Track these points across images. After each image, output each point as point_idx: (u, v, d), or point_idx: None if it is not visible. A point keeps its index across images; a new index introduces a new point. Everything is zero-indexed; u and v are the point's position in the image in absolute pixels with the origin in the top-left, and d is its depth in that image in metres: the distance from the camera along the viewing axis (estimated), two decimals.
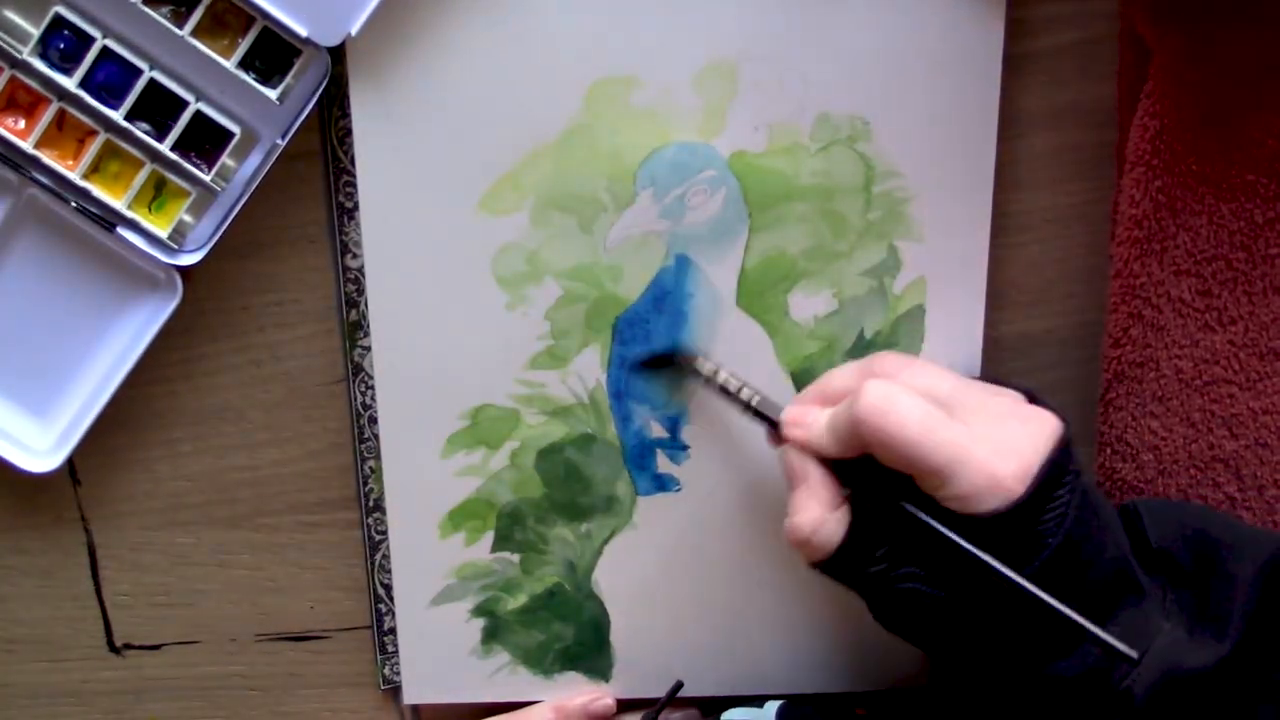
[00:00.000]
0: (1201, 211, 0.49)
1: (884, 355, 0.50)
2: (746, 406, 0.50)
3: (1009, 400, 0.47)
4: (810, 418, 0.48)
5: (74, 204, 0.50)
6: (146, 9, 0.48)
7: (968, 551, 0.43)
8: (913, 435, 0.43)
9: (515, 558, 0.56)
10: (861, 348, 0.54)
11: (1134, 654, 0.41)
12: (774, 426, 0.49)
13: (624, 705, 0.58)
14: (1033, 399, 0.47)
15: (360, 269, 0.53)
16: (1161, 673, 0.43)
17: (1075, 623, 0.42)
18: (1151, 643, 0.43)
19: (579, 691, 0.57)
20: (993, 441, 0.43)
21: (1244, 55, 0.48)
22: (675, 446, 0.55)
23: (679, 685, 0.57)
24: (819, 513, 0.46)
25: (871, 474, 0.45)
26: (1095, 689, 0.43)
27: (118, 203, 0.50)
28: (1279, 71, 0.47)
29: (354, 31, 0.49)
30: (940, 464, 0.42)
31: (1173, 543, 0.46)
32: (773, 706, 0.55)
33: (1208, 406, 0.51)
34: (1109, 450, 0.53)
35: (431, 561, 0.56)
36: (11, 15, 0.48)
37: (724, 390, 0.51)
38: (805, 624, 0.57)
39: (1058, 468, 0.43)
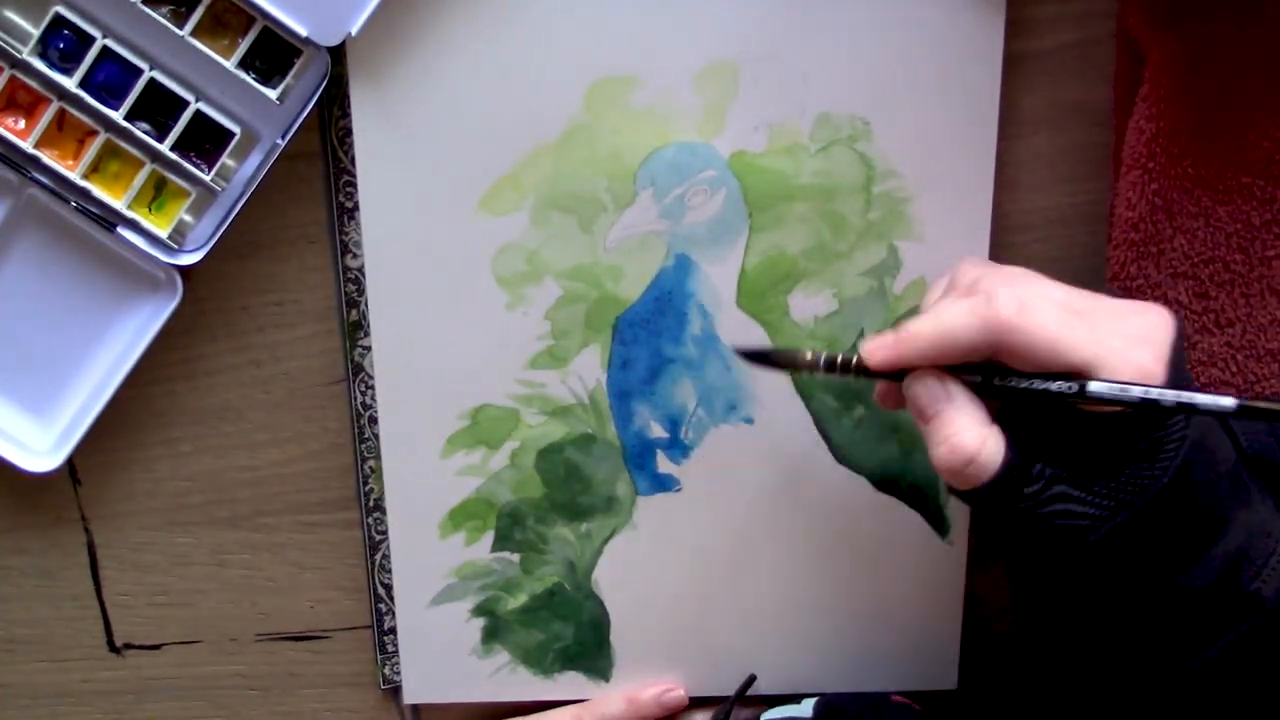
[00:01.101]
0: (1198, 214, 0.49)
1: (971, 260, 0.48)
2: (849, 369, 0.46)
3: (1113, 298, 0.45)
4: (893, 337, 0.44)
5: (74, 204, 0.50)
6: (146, 9, 0.48)
7: (1149, 400, 0.41)
8: (1058, 333, 0.42)
9: (515, 557, 0.56)
10: None
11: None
12: (868, 374, 0.46)
13: (693, 702, 0.58)
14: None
15: (360, 269, 0.53)
16: None
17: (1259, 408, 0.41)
18: (1277, 541, 0.42)
19: (649, 683, 0.57)
20: (1122, 336, 0.42)
21: (1239, 58, 0.48)
22: (675, 446, 0.55)
23: (751, 679, 0.57)
24: (980, 430, 0.43)
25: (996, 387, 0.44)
26: (1224, 596, 0.42)
27: (118, 203, 0.50)
28: (1274, 74, 0.48)
29: (354, 31, 0.49)
30: (1087, 359, 0.41)
31: (1266, 446, 0.45)
32: (810, 703, 0.55)
33: None
34: None
35: (431, 561, 0.56)
36: (11, 15, 0.48)
37: (829, 368, 0.46)
38: (805, 624, 0.57)
39: (1182, 355, 0.43)
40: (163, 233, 0.51)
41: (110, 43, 0.49)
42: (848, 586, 0.57)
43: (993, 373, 0.43)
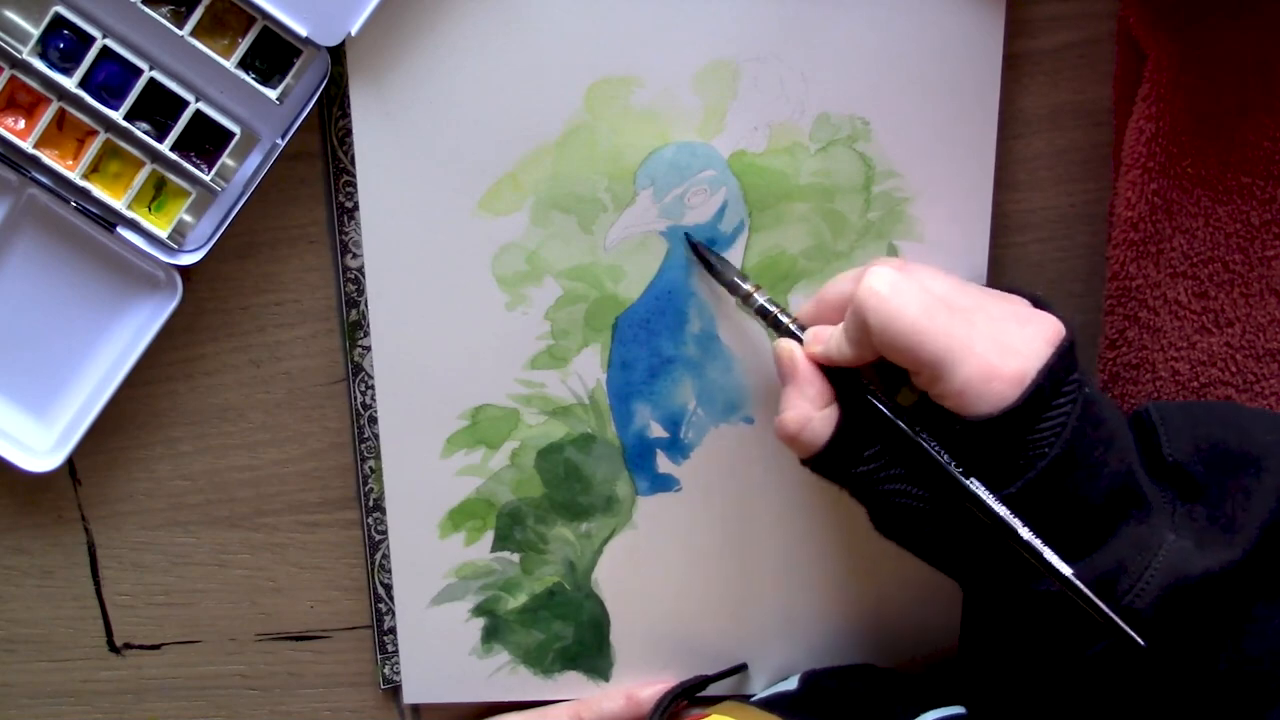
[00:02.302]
0: (1198, 214, 0.49)
1: (881, 260, 0.50)
2: (774, 322, 0.50)
3: (1012, 304, 0.46)
4: (826, 333, 0.47)
5: (74, 204, 0.50)
6: (146, 9, 0.48)
7: (938, 461, 0.43)
8: (911, 321, 0.42)
9: (515, 557, 0.56)
10: None
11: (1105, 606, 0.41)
12: (796, 340, 0.49)
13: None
14: (1038, 304, 0.46)
15: (360, 269, 0.53)
16: (1168, 583, 0.41)
17: (1042, 559, 0.42)
18: (1156, 556, 0.42)
19: (648, 681, 0.57)
20: (993, 340, 0.42)
21: (1239, 58, 0.48)
22: (675, 447, 0.55)
23: (741, 667, 0.57)
24: (807, 409, 0.46)
25: (863, 377, 0.46)
26: (1093, 612, 0.42)
27: (118, 203, 0.50)
28: (1274, 74, 0.48)
29: (354, 31, 0.49)
30: (938, 353, 0.42)
31: (1187, 456, 0.45)
32: (795, 677, 0.56)
33: None
34: None
35: (431, 561, 0.56)
36: (11, 15, 0.48)
37: (755, 308, 0.50)
38: (805, 623, 0.57)
39: (1056, 375, 0.42)
40: (163, 233, 0.51)
41: (110, 43, 0.49)
42: (847, 586, 0.57)
43: (857, 385, 0.47)
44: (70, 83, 0.49)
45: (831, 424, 0.46)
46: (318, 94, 0.50)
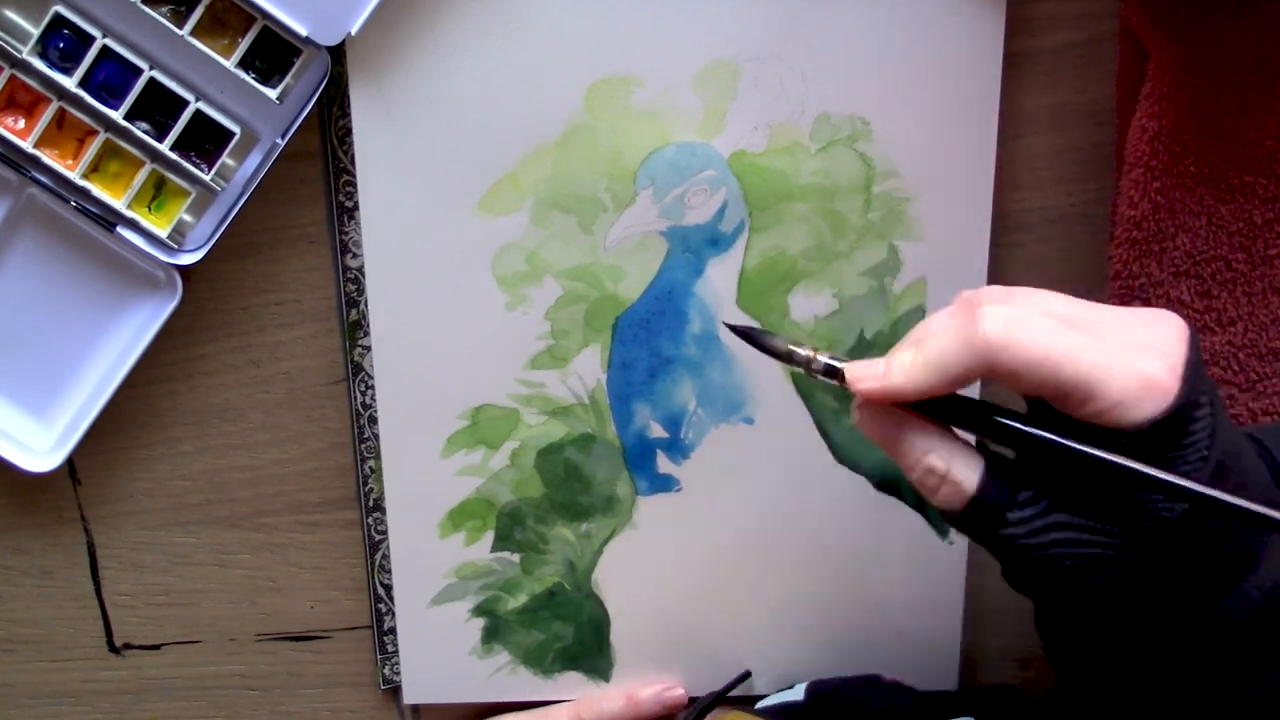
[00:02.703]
0: (1200, 213, 0.49)
1: (976, 292, 0.42)
2: (820, 371, 0.43)
3: (1124, 310, 0.41)
4: (882, 368, 0.41)
5: (74, 204, 0.50)
6: (146, 9, 0.48)
7: (1128, 469, 0.37)
8: (1050, 348, 0.38)
9: (515, 557, 0.56)
10: (862, 348, 0.54)
11: None
12: (833, 380, 0.42)
13: (691, 701, 0.58)
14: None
15: (360, 269, 0.53)
16: None
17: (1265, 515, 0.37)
18: None
19: (648, 681, 0.57)
20: (1130, 345, 0.39)
21: (1242, 57, 0.48)
22: (675, 447, 0.55)
23: (745, 675, 0.57)
24: (947, 448, 0.40)
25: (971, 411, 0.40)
26: (1267, 623, 0.39)
27: (118, 202, 0.50)
28: (1276, 73, 0.47)
29: (354, 31, 0.49)
30: (1086, 373, 0.38)
31: None
32: (801, 686, 0.55)
33: None
34: None
35: (431, 561, 0.56)
36: (11, 15, 0.48)
37: (821, 369, 0.42)
38: (805, 624, 0.57)
39: (1198, 365, 0.39)
40: (162, 232, 0.51)
41: (110, 42, 0.49)
42: (848, 587, 0.56)
43: (984, 412, 0.41)
44: (70, 82, 0.49)
45: (978, 462, 0.40)
46: (318, 94, 0.50)
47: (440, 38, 0.50)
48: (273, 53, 0.50)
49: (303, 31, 0.49)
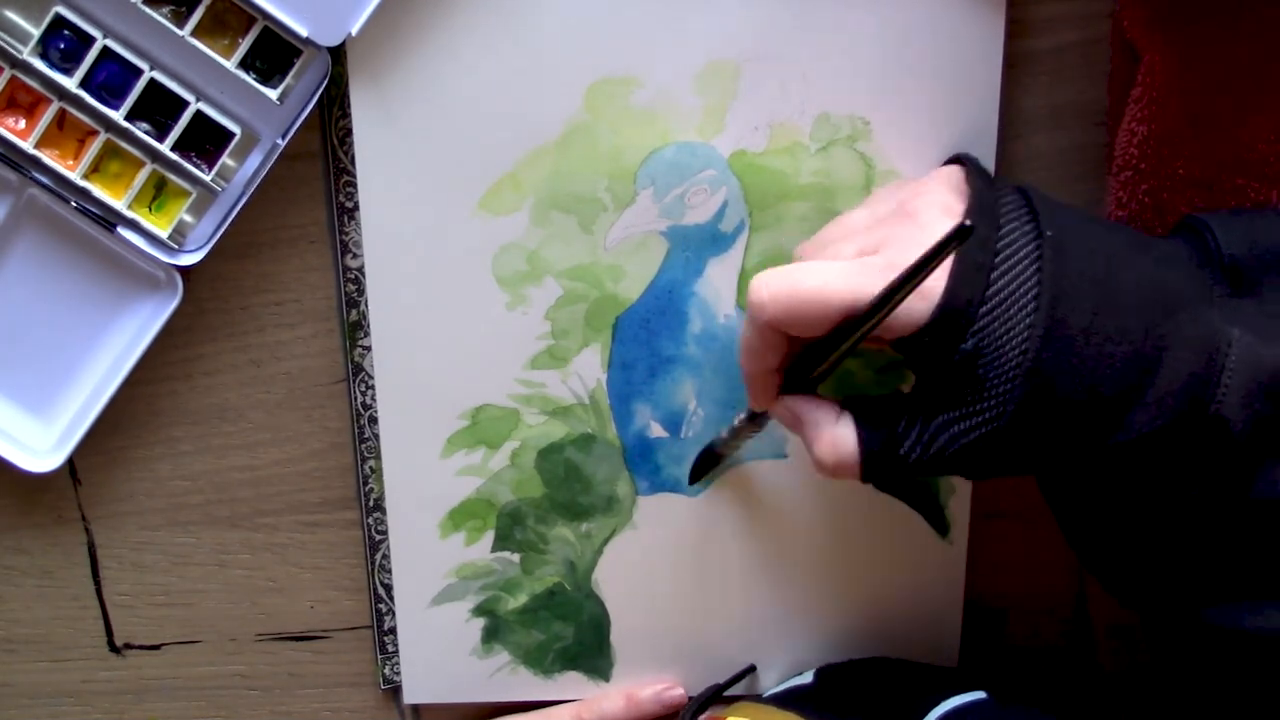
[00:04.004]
0: None
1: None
2: (743, 427, 0.51)
3: (923, 201, 0.43)
4: (743, 355, 0.46)
5: (74, 204, 0.51)
6: (146, 9, 0.48)
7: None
8: (811, 286, 0.41)
9: (515, 557, 0.56)
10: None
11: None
12: (760, 416, 0.49)
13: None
14: (966, 170, 0.44)
15: (360, 269, 0.53)
16: (1248, 381, 0.38)
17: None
18: (1226, 354, 0.39)
19: (648, 681, 0.57)
20: (893, 257, 0.41)
21: (1232, 60, 0.48)
22: (675, 447, 0.55)
23: (750, 669, 0.57)
24: (828, 432, 0.43)
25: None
26: (1181, 434, 0.39)
27: (118, 203, 0.50)
28: (1267, 76, 0.47)
29: (354, 31, 0.49)
30: (840, 302, 0.40)
31: (1242, 253, 0.41)
32: (810, 671, 0.55)
33: None
34: None
35: (431, 561, 0.56)
36: (12, 15, 0.48)
37: (732, 436, 0.51)
38: (805, 623, 0.57)
39: (975, 244, 0.40)
40: (163, 233, 0.51)
41: (110, 43, 0.49)
42: (848, 586, 0.56)
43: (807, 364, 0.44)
44: (71, 83, 0.49)
45: (851, 429, 0.43)
46: (318, 94, 0.50)
47: (440, 38, 0.50)
48: (273, 53, 0.50)
49: (303, 32, 0.49)
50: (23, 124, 0.50)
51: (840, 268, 0.42)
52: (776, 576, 0.56)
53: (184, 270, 0.52)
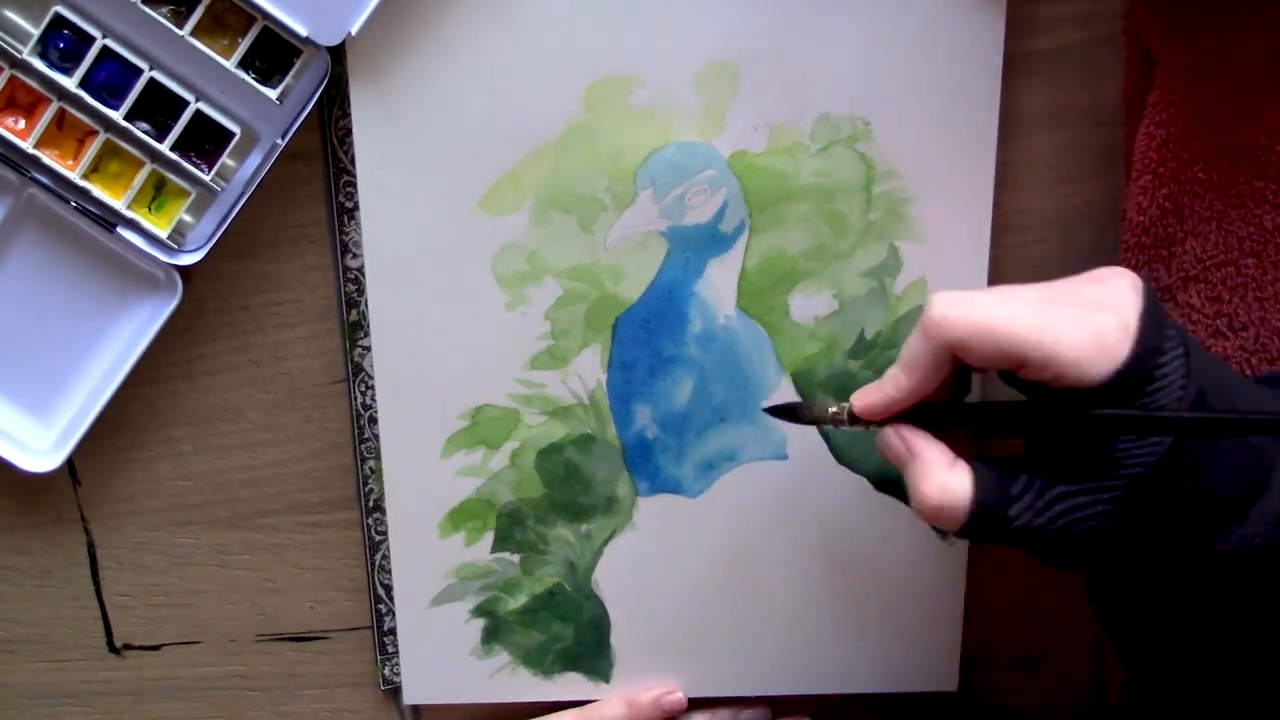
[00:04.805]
0: (1210, 218, 0.49)
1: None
2: (840, 418, 0.47)
3: (1074, 277, 0.44)
4: (874, 384, 0.45)
5: (74, 204, 0.51)
6: (146, 9, 0.48)
7: (1109, 417, 0.39)
8: (995, 317, 0.40)
9: (515, 558, 0.56)
10: (862, 349, 0.54)
11: None
12: (861, 423, 0.46)
13: (692, 703, 0.58)
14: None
15: (360, 269, 0.53)
16: None
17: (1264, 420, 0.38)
18: None
19: (648, 686, 0.57)
20: (1081, 305, 0.40)
21: (1250, 62, 0.48)
22: (676, 447, 0.55)
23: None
24: (940, 477, 0.42)
25: (966, 413, 0.43)
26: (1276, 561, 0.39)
27: (118, 203, 0.50)
28: None
29: (354, 31, 0.49)
30: (1036, 338, 0.39)
31: None
32: None
33: None
34: None
35: (431, 561, 0.56)
36: (11, 15, 0.48)
37: (831, 420, 0.48)
38: (805, 624, 0.57)
39: (1156, 314, 0.40)
40: (163, 233, 0.51)
41: (110, 43, 0.49)
42: (848, 587, 0.56)
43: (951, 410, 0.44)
44: (70, 83, 0.49)
45: (969, 478, 0.42)
46: (318, 94, 0.50)
47: (440, 38, 0.50)
48: (273, 53, 0.50)
49: (303, 31, 0.49)
50: (22, 124, 0.50)
51: (1030, 305, 0.41)
52: (776, 576, 0.56)
53: (184, 270, 0.52)
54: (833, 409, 0.47)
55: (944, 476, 0.42)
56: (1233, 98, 0.48)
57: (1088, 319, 0.40)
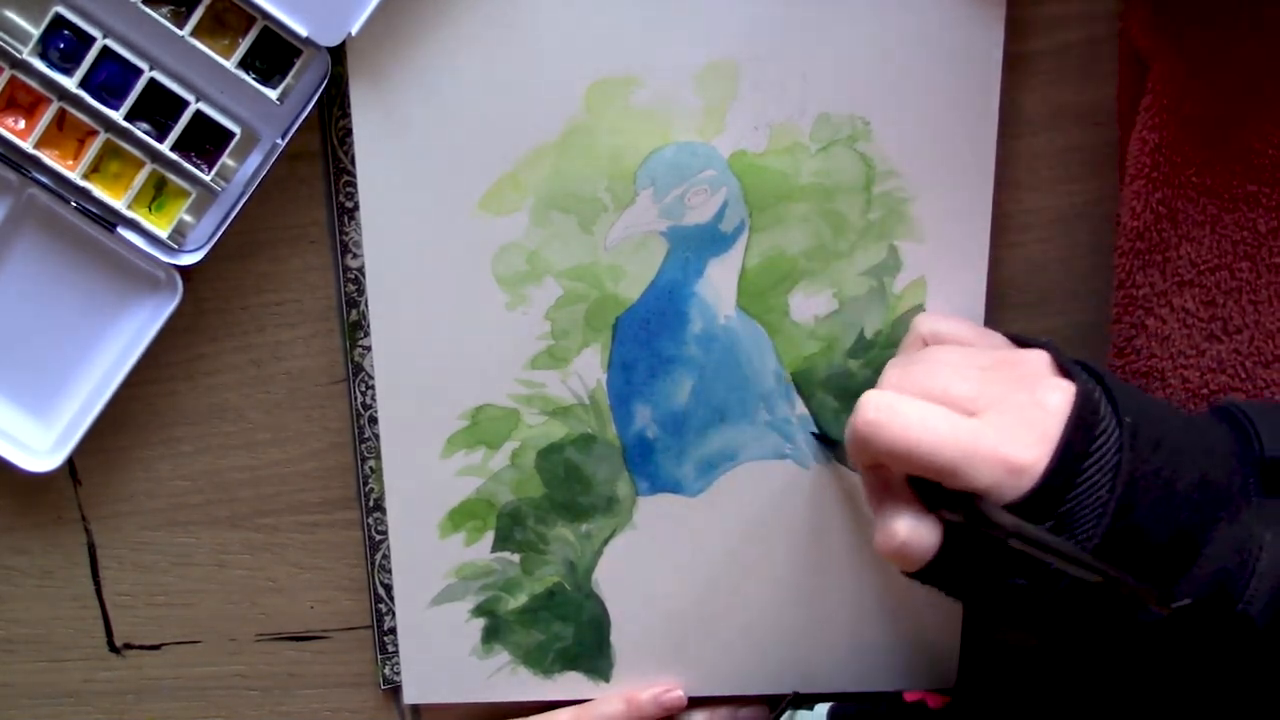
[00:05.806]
0: (1204, 222, 0.49)
1: (906, 338, 0.51)
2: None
3: (1021, 367, 0.45)
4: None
5: (74, 204, 0.51)
6: (146, 9, 0.48)
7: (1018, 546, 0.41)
8: (914, 442, 0.41)
9: (515, 558, 0.56)
10: (861, 348, 0.54)
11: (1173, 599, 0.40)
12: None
13: (692, 702, 0.58)
14: (1054, 356, 0.45)
15: (360, 269, 0.53)
16: (1275, 583, 0.40)
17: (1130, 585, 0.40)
18: (1258, 559, 0.40)
19: (648, 684, 0.57)
20: (1005, 428, 0.41)
21: (1243, 66, 0.48)
22: (676, 447, 0.55)
23: (795, 695, 0.57)
24: (908, 516, 0.43)
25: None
26: (1210, 623, 0.41)
27: (118, 203, 0.50)
28: (1278, 81, 0.47)
29: (354, 31, 0.49)
30: (948, 462, 0.41)
31: None
32: (823, 708, 0.55)
33: None
34: None
35: (431, 561, 0.56)
36: (11, 15, 0.48)
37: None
38: (805, 623, 0.57)
39: (1082, 431, 0.41)
40: (163, 233, 0.51)
41: (110, 43, 0.49)
42: (847, 586, 0.56)
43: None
44: (70, 83, 0.49)
45: (937, 530, 0.43)
46: (318, 94, 0.50)
47: (440, 38, 0.50)
48: (273, 53, 0.50)
49: (303, 32, 0.49)
50: (23, 124, 0.50)
51: (952, 428, 0.42)
52: (776, 576, 0.56)
53: (184, 270, 0.52)
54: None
55: (914, 518, 0.43)
56: (1225, 102, 0.48)
57: (1003, 447, 0.41)
